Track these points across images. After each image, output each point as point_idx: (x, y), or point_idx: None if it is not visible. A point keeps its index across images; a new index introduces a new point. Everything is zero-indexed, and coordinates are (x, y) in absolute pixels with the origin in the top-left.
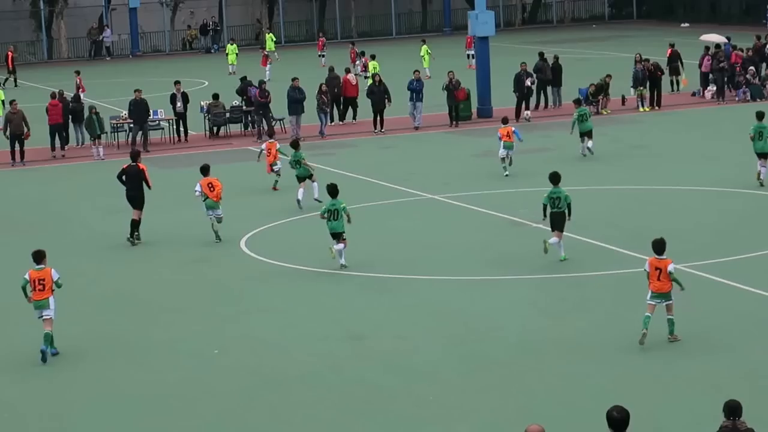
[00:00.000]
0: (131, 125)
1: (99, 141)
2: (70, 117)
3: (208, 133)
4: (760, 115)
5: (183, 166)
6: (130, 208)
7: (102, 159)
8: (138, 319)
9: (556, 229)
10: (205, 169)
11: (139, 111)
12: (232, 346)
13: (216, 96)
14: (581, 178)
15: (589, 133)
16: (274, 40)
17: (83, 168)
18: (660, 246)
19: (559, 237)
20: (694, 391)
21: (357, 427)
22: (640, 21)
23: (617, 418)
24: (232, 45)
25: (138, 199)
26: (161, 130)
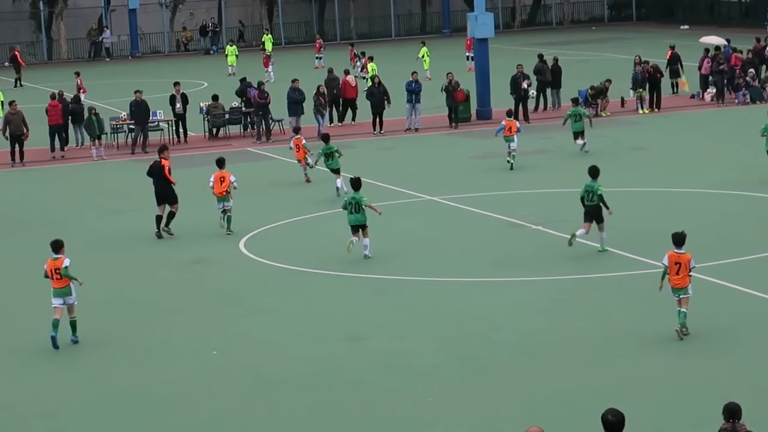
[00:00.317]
0: (131, 126)
1: (99, 142)
2: (70, 118)
3: (207, 134)
4: None
5: (183, 166)
6: (131, 208)
7: (103, 159)
8: (138, 320)
9: (587, 222)
10: (220, 162)
11: (140, 112)
12: (232, 346)
13: (215, 97)
14: (581, 179)
15: (581, 133)
16: (272, 41)
17: (83, 169)
18: (680, 239)
19: (601, 230)
20: (694, 393)
21: (356, 428)
22: (639, 23)
23: (612, 422)
24: (231, 46)
25: (162, 194)
26: (160, 131)
